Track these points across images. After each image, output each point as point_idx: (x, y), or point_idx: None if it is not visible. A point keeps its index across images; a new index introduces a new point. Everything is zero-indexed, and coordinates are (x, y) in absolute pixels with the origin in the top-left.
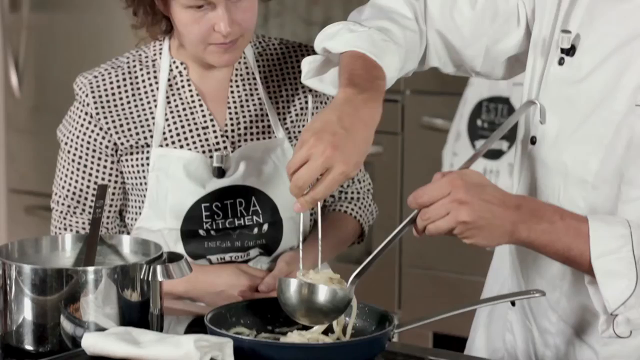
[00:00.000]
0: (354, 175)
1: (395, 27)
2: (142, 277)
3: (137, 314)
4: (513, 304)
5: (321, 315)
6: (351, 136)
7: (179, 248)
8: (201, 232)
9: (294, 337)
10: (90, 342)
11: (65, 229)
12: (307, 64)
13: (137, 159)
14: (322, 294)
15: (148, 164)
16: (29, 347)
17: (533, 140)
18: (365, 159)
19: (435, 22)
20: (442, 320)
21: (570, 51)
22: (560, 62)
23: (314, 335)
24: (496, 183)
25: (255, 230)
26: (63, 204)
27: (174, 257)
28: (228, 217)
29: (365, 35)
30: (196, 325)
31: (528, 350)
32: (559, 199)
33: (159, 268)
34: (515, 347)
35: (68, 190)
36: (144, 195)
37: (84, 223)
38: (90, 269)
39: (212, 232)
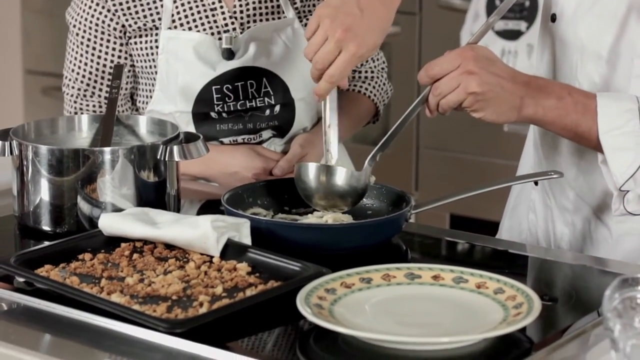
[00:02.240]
0: (370, 55)
1: None
2: (159, 157)
3: (154, 195)
4: (536, 183)
5: (339, 199)
6: (367, 16)
7: (191, 131)
8: (212, 114)
9: (312, 218)
10: (107, 222)
11: (76, 113)
12: None
13: (146, 42)
14: (341, 176)
15: (157, 47)
16: (46, 227)
17: (553, 18)
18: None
19: None
20: (459, 201)
21: None
22: None
23: (332, 216)
24: (514, 64)
25: (267, 111)
26: (74, 87)
27: (190, 137)
28: (239, 99)
29: None
30: (209, 207)
31: (547, 228)
32: (576, 75)
33: (175, 148)
34: (537, 226)
35: (78, 74)
36: (154, 79)
37: (94, 106)
38: (107, 149)
39: (224, 115)
